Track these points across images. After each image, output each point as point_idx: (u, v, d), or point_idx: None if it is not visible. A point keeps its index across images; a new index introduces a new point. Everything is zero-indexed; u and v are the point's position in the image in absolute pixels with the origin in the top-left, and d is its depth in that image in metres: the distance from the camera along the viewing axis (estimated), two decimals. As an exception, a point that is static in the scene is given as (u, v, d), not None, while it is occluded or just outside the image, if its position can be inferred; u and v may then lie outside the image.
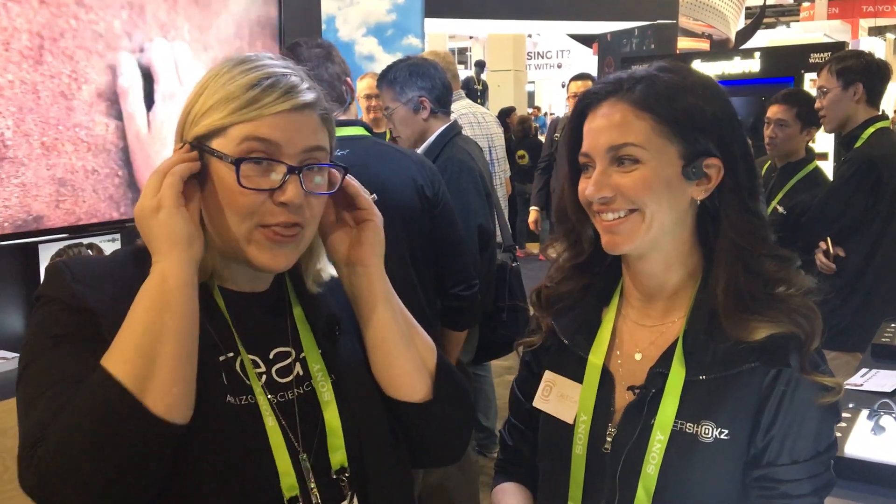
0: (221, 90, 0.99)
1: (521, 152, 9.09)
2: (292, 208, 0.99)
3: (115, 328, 0.94)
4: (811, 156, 3.46)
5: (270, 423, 1.01)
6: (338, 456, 1.05)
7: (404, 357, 1.11)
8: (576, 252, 1.25)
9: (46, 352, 0.95)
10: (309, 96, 1.02)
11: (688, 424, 1.11)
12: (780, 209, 3.27)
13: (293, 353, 1.08)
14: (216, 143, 0.99)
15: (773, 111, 3.39)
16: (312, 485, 1.02)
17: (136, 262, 1.02)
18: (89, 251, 2.74)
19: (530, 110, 15.04)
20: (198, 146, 1.00)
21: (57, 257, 2.64)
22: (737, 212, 1.13)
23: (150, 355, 0.90)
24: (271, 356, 1.07)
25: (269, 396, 1.03)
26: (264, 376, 1.05)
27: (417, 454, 1.16)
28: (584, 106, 1.19)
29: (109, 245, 2.81)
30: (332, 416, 1.06)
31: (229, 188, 0.98)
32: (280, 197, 0.99)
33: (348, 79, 2.35)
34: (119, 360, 0.90)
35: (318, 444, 1.05)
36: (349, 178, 1.10)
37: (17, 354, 2.53)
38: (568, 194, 1.22)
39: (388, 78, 2.79)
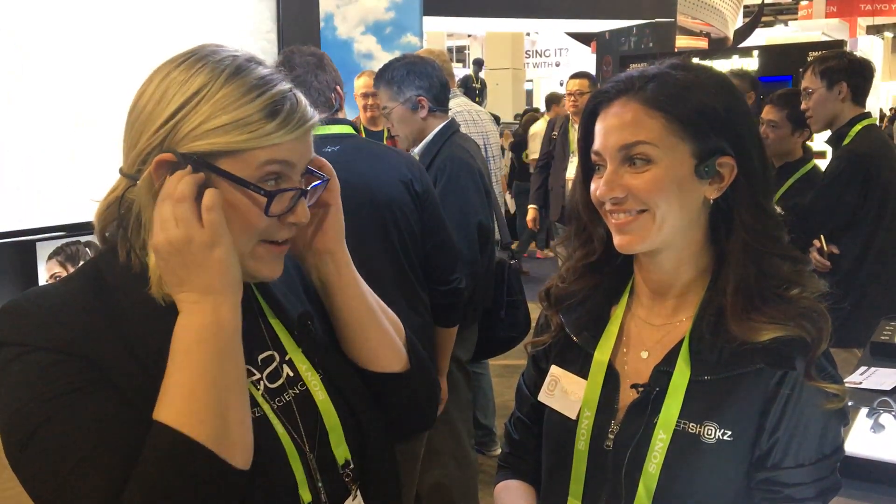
0: (231, 110, 0.93)
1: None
2: (298, 225, 1.01)
3: (117, 374, 0.89)
4: (809, 155, 3.48)
5: (280, 430, 1.01)
6: (341, 450, 1.07)
7: (381, 331, 1.14)
8: (587, 251, 1.25)
9: (64, 410, 0.86)
10: (315, 116, 1.01)
11: (691, 424, 1.10)
12: (778, 209, 3.27)
13: (276, 356, 1.07)
14: (227, 165, 0.94)
15: (765, 112, 3.44)
16: (320, 484, 1.03)
17: (97, 290, 0.95)
18: (87, 249, 2.73)
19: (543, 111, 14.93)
20: (200, 163, 0.93)
21: (55, 255, 2.64)
22: (749, 211, 1.12)
23: (221, 411, 0.88)
24: (259, 362, 1.05)
25: (271, 405, 1.03)
26: (262, 383, 1.04)
27: (391, 427, 1.18)
28: (595, 105, 1.18)
29: (107, 243, 2.80)
30: (329, 413, 1.07)
31: (245, 212, 0.95)
32: (290, 218, 0.99)
33: (338, 87, 2.37)
34: (191, 420, 0.86)
35: (321, 442, 1.05)
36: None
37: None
38: (580, 193, 1.22)
39: (385, 77, 2.78)
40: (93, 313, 0.93)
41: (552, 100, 8.68)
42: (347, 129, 2.37)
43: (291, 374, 1.07)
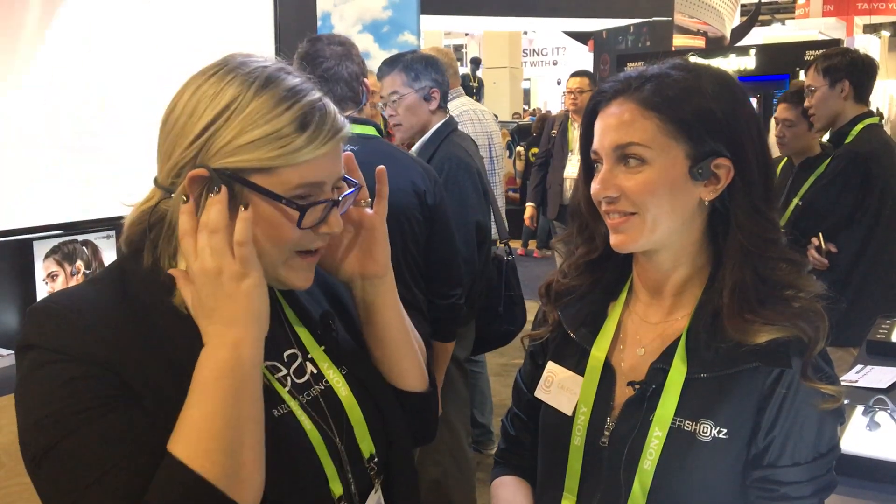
0: (262, 124, 0.93)
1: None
2: (331, 235, 1.02)
3: (144, 385, 0.90)
4: (828, 151, 3.47)
5: (308, 425, 1.02)
6: (366, 444, 1.09)
7: (411, 353, 1.19)
8: (589, 249, 1.25)
9: (85, 426, 0.86)
10: (345, 126, 1.01)
11: (686, 422, 1.11)
12: (802, 205, 3.28)
13: (299, 354, 1.09)
14: (259, 180, 0.94)
15: (780, 111, 3.43)
16: (350, 475, 1.05)
17: (122, 294, 0.96)
18: (84, 248, 2.73)
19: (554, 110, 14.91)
20: (232, 178, 0.94)
21: (52, 254, 2.64)
22: (746, 213, 1.12)
23: (234, 449, 0.87)
24: (285, 358, 1.07)
25: (298, 399, 1.04)
26: (289, 379, 1.05)
27: None
28: (594, 104, 1.19)
29: (105, 242, 2.80)
30: (353, 409, 1.09)
31: (278, 225, 0.96)
32: (323, 229, 1.00)
33: (365, 79, 2.35)
34: (203, 457, 0.86)
35: (348, 434, 1.08)
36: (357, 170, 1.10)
37: (12, 352, 2.50)
38: (582, 192, 1.23)
39: (402, 63, 2.76)
40: (120, 317, 0.94)
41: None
42: (371, 131, 2.35)
43: (315, 371, 1.09)
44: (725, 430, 1.09)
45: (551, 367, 1.26)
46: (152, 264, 0.98)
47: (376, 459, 1.10)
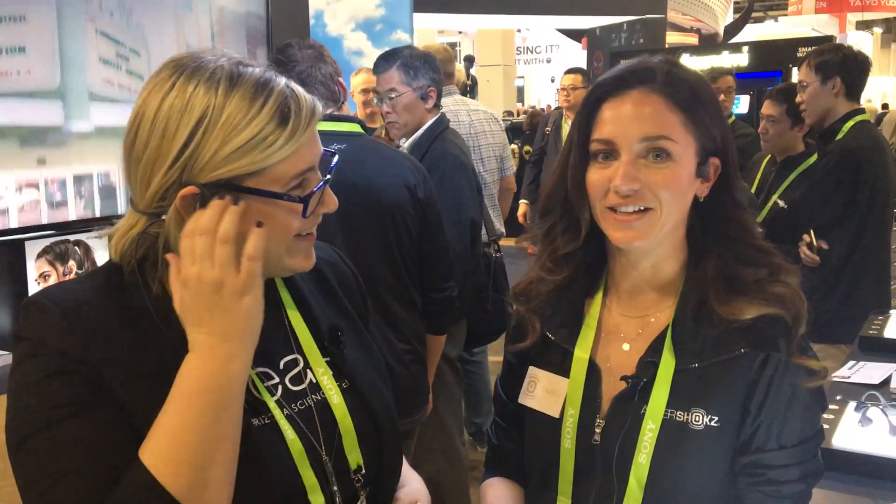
0: (243, 128, 0.90)
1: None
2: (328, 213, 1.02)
3: (124, 383, 0.89)
4: (811, 149, 3.48)
5: (290, 436, 1.00)
6: (353, 456, 1.07)
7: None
8: (570, 237, 1.21)
9: (56, 425, 0.86)
10: (317, 104, 0.99)
11: (678, 413, 1.11)
12: (781, 203, 3.29)
13: (300, 360, 1.08)
14: (255, 183, 0.92)
15: (765, 107, 3.46)
16: (335, 488, 1.04)
17: (118, 292, 0.95)
18: (76, 248, 2.72)
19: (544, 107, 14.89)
20: (226, 187, 0.91)
21: (44, 254, 2.63)
22: (731, 206, 1.15)
23: (205, 466, 0.86)
24: (282, 366, 1.06)
25: (286, 409, 1.02)
26: (280, 387, 1.04)
27: None
28: (602, 93, 1.15)
29: (97, 242, 2.79)
30: (344, 418, 1.07)
31: (281, 220, 0.95)
32: (322, 209, 1.00)
33: (340, 78, 2.36)
34: (170, 469, 0.84)
35: (338, 445, 1.06)
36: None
37: (5, 352, 2.47)
38: (573, 179, 1.17)
39: (400, 59, 2.74)
40: (107, 314, 0.93)
41: None
42: (355, 128, 2.35)
43: (314, 381, 1.08)
44: (717, 418, 1.10)
45: (533, 372, 1.25)
46: (161, 289, 0.95)
47: (363, 472, 1.08)
